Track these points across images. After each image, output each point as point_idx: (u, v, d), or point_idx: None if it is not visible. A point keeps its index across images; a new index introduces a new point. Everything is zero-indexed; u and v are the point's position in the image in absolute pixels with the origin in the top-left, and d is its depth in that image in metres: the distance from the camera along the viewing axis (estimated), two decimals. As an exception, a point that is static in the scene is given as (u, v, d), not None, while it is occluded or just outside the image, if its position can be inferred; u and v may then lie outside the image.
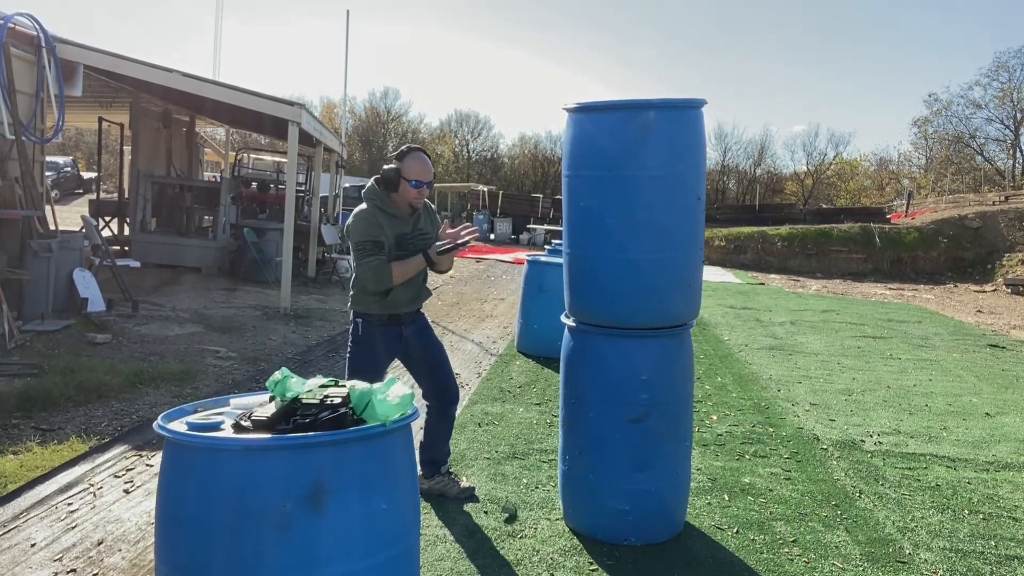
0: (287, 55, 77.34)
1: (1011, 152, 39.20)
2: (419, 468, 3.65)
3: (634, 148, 3.12)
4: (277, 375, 2.22)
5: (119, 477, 3.81)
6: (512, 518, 3.53)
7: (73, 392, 4.99)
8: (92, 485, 3.69)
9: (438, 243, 3.42)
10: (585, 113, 3.27)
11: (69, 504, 3.47)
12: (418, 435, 3.65)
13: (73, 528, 3.24)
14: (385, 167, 3.42)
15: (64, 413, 4.71)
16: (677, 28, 75.77)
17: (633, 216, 3.15)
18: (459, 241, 3.41)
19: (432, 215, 3.67)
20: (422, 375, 3.66)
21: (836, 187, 47.32)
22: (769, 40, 72.63)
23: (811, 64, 72.14)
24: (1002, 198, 26.60)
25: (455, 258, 3.56)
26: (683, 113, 3.20)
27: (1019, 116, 38.00)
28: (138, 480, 3.78)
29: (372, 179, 3.51)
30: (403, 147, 3.45)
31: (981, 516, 3.84)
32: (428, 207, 3.61)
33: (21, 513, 3.36)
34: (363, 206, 3.44)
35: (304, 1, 78.09)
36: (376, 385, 2.22)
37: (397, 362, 3.66)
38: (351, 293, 3.52)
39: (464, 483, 3.76)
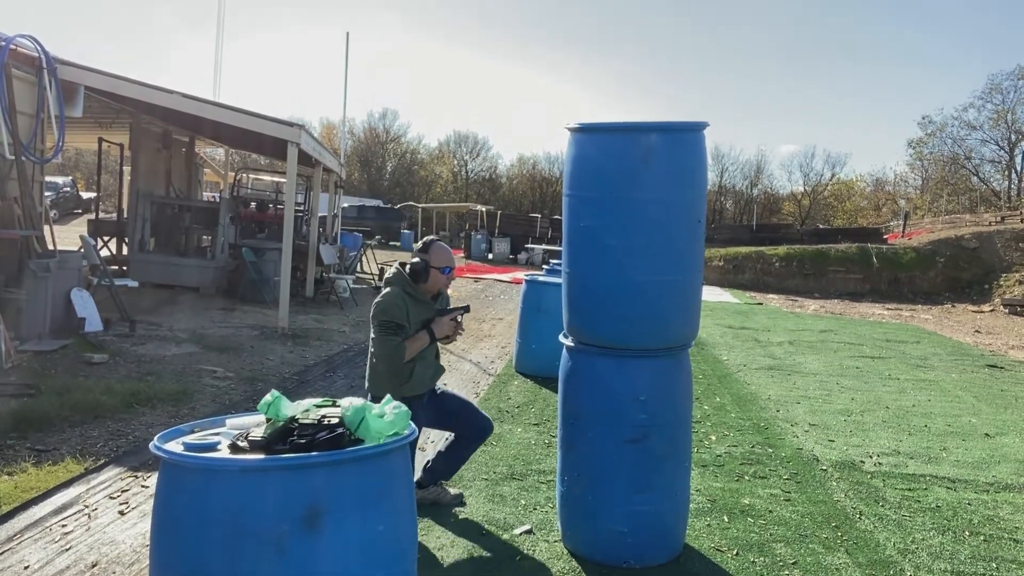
0: (287, 77, 77.99)
1: (1006, 173, 39.46)
2: (419, 474, 3.80)
3: (636, 170, 3.13)
4: (268, 397, 2.22)
5: (114, 498, 3.78)
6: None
7: (69, 412, 4.96)
8: (87, 506, 3.66)
9: (446, 316, 3.68)
10: (587, 134, 3.28)
11: (63, 526, 3.44)
12: (438, 444, 3.99)
13: (67, 550, 3.21)
14: (413, 260, 3.69)
15: (60, 433, 4.68)
16: (673, 49, 76.53)
17: (633, 237, 3.16)
18: (459, 307, 3.74)
19: (443, 297, 3.90)
20: (455, 422, 3.84)
21: (833, 207, 47.57)
22: (763, 61, 73.35)
23: (805, 85, 72.81)
24: (998, 218, 26.71)
25: (457, 322, 3.78)
26: (685, 136, 3.22)
27: (1014, 137, 38.31)
28: (133, 501, 3.75)
29: (397, 267, 3.73)
30: (424, 240, 3.76)
31: (982, 538, 3.82)
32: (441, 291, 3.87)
33: (15, 535, 3.33)
34: (391, 289, 3.63)
35: (304, 24, 78.85)
36: (372, 406, 2.22)
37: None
38: (372, 371, 3.64)
39: (453, 490, 3.95)
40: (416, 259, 3.67)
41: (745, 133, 77.31)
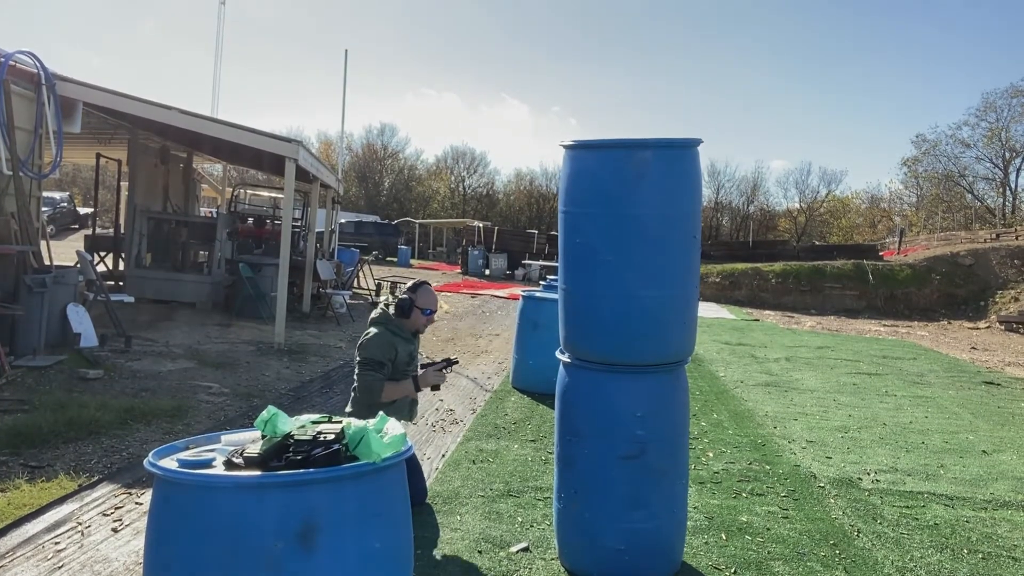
0: (285, 92, 78.31)
1: (1000, 190, 39.69)
2: None
3: (631, 185, 3.15)
4: (265, 414, 2.20)
5: (108, 515, 3.75)
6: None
7: (63, 428, 4.93)
8: (80, 524, 3.63)
9: (426, 366, 3.99)
10: (583, 151, 3.30)
11: (56, 543, 3.41)
12: None
13: (60, 568, 3.18)
14: (400, 297, 4.05)
15: (54, 450, 4.65)
16: (667, 66, 77.04)
17: (630, 252, 3.17)
18: (447, 360, 4.03)
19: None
20: None
21: (829, 224, 47.77)
22: (757, 77, 73.85)
23: (800, 102, 73.29)
24: (993, 236, 26.84)
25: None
26: (679, 152, 3.24)
27: (1007, 155, 38.57)
28: (127, 519, 3.72)
29: (382, 307, 4.07)
30: (415, 282, 4.11)
31: (980, 556, 3.80)
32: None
33: (7, 552, 3.30)
34: (376, 330, 3.93)
35: (303, 41, 79.30)
36: (371, 422, 2.21)
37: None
38: (353, 399, 3.95)
39: None
40: (404, 296, 4.02)
41: (740, 150, 77.76)
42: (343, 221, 26.78)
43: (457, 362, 4.06)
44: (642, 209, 3.15)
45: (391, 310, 4.03)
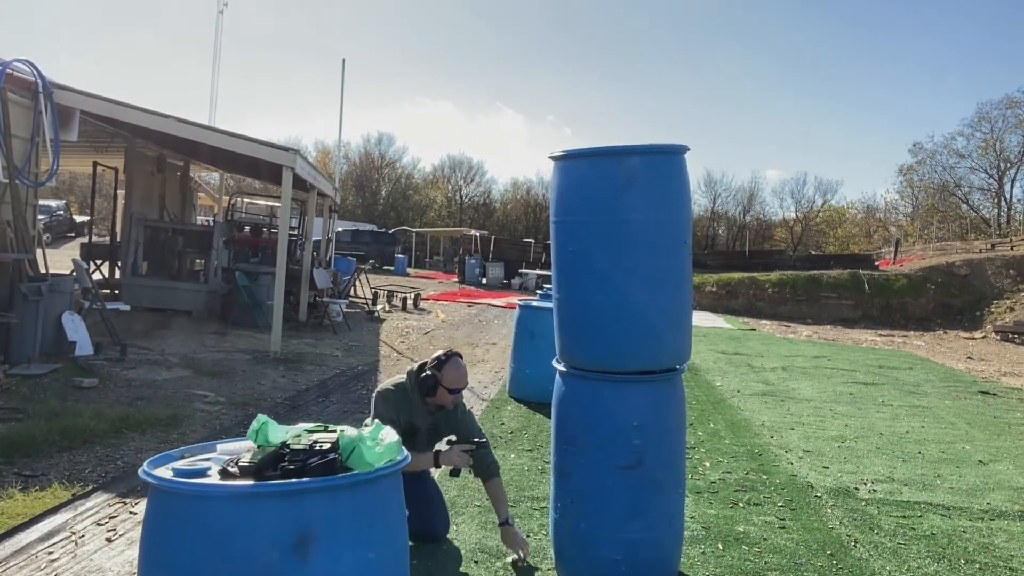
0: (283, 101, 78.49)
1: (995, 201, 39.86)
2: None
3: (620, 192, 3.16)
4: (256, 423, 2.19)
5: (102, 525, 3.73)
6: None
7: (57, 437, 4.90)
8: (74, 533, 3.61)
9: (458, 446, 3.57)
10: (572, 160, 3.31)
11: (50, 553, 3.39)
12: None
13: (53, 578, 3.16)
14: (425, 375, 3.55)
15: (48, 459, 4.62)
16: (662, 75, 77.37)
17: (622, 258, 3.17)
18: (476, 441, 3.59)
19: (461, 414, 3.71)
20: (414, 504, 2.91)
21: (825, 234, 47.89)
22: (753, 87, 74.21)
23: (796, 111, 73.63)
24: (988, 246, 26.93)
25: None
26: (667, 158, 3.26)
27: (1002, 166, 38.77)
28: (121, 528, 3.70)
29: (416, 367, 3.62)
30: (441, 355, 3.58)
31: (977, 566, 3.80)
32: (459, 406, 3.69)
33: (0, 562, 3.28)
34: (398, 383, 3.58)
35: (301, 51, 79.54)
36: (365, 431, 2.20)
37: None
38: None
39: None
40: (429, 373, 3.54)
41: (735, 160, 78.09)
42: (340, 230, 26.80)
43: (486, 444, 3.64)
44: (632, 215, 3.16)
45: (415, 380, 3.57)
